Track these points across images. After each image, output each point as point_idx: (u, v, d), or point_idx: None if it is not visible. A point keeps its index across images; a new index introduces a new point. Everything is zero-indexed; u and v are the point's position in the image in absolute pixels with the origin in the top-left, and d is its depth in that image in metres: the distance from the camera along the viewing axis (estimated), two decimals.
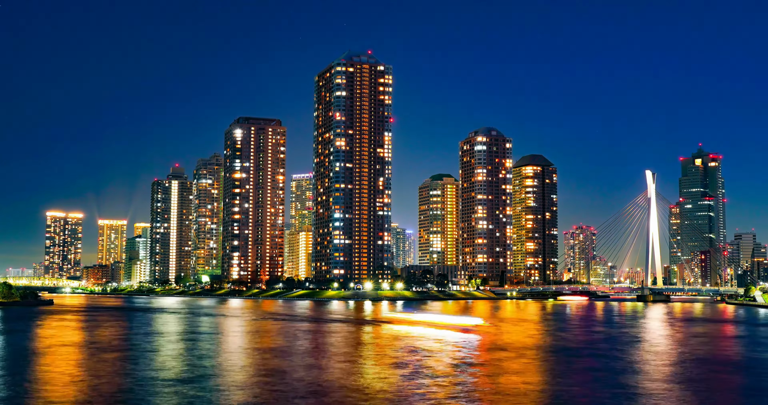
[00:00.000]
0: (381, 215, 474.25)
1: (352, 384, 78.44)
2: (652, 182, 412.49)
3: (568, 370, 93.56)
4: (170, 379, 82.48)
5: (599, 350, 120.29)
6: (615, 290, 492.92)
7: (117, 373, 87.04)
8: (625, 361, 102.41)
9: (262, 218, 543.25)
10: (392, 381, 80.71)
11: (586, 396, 72.46)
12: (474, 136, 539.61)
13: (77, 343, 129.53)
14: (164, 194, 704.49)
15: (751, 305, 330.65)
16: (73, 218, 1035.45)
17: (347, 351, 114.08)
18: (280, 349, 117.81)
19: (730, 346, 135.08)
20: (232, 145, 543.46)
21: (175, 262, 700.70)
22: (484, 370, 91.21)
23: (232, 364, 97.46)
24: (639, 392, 75.05)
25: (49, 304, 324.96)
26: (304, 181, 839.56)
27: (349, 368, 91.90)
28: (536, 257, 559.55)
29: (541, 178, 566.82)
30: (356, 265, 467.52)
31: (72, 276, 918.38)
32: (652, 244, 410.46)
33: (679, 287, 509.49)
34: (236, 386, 77.24)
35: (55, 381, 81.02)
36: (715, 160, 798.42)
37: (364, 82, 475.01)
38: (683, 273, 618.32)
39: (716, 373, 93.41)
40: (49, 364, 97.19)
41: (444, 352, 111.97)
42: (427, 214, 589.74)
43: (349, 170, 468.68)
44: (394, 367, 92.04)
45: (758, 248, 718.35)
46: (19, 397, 70.94)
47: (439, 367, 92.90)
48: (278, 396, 70.96)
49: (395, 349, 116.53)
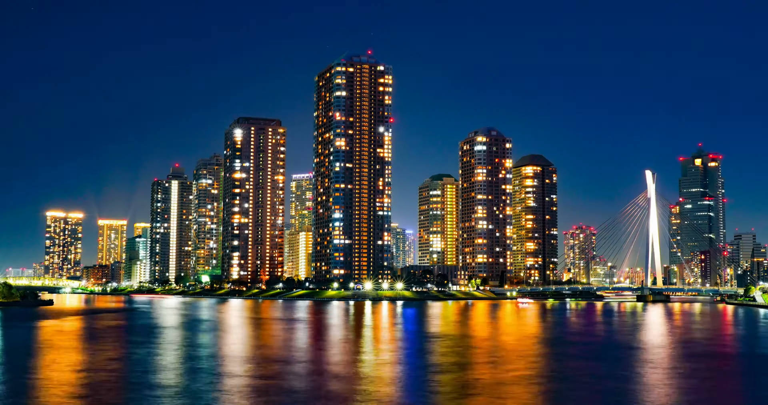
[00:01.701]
0: (381, 215, 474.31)
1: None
2: (652, 182, 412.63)
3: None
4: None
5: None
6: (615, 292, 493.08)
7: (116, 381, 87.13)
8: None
9: (262, 218, 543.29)
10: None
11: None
12: (474, 136, 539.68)
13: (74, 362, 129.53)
14: (164, 194, 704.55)
15: (751, 305, 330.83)
16: (73, 218, 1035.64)
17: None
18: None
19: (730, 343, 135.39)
20: (232, 145, 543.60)
21: (175, 262, 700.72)
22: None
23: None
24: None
25: (49, 305, 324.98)
26: (304, 181, 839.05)
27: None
28: (536, 257, 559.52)
29: (541, 178, 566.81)
30: (356, 265, 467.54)
31: (72, 276, 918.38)
32: (652, 244, 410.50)
33: (679, 287, 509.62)
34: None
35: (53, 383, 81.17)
36: (715, 160, 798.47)
37: (364, 82, 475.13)
38: (683, 273, 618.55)
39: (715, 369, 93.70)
40: (47, 366, 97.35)
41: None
42: (427, 214, 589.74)
43: (349, 170, 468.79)
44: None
45: (758, 248, 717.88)
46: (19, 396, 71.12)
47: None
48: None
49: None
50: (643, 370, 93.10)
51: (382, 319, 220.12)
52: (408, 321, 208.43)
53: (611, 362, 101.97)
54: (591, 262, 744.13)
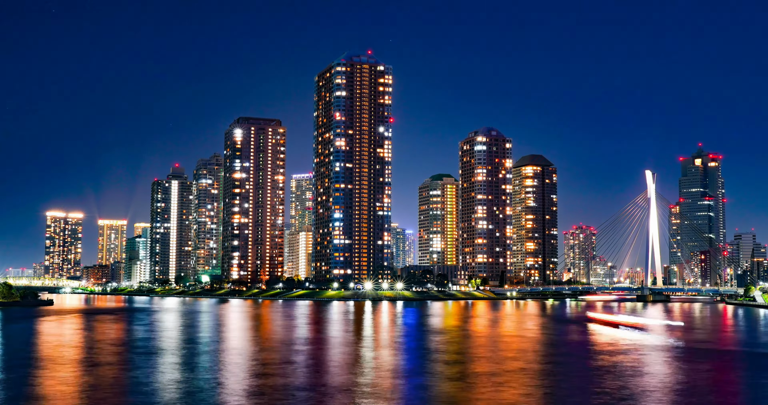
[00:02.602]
0: (381, 215, 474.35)
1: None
2: (651, 182, 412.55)
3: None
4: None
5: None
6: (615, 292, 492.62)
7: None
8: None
9: (262, 218, 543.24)
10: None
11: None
12: (474, 136, 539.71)
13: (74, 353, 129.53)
14: (164, 194, 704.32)
15: (751, 305, 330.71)
16: (73, 218, 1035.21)
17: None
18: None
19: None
20: (232, 145, 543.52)
21: (175, 262, 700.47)
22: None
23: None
24: None
25: (49, 305, 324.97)
26: (304, 181, 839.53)
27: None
28: (536, 257, 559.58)
29: (541, 178, 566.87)
30: (356, 265, 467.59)
31: (72, 276, 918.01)
32: (651, 244, 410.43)
33: (679, 287, 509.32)
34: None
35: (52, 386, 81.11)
36: (715, 160, 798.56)
37: (363, 82, 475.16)
38: (683, 273, 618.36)
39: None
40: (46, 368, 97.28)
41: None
42: (427, 214, 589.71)
43: (349, 170, 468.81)
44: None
45: (758, 248, 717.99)
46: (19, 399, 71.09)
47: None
48: None
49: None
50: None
51: (382, 322, 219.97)
52: (408, 332, 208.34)
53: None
54: (591, 262, 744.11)
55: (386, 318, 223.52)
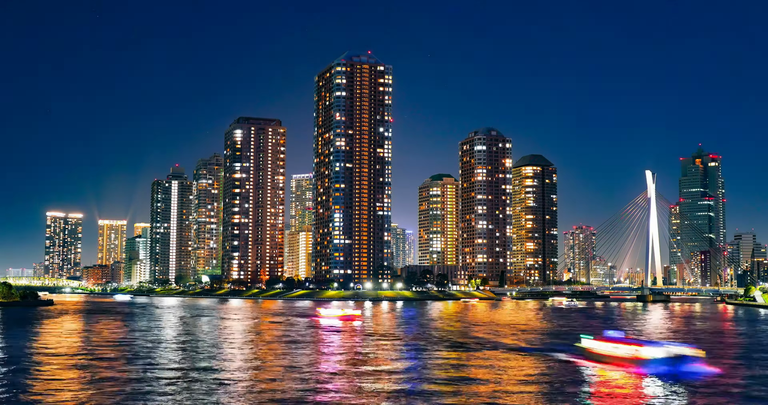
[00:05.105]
0: (381, 215, 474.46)
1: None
2: (652, 182, 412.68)
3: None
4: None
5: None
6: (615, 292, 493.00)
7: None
8: None
9: (262, 218, 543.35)
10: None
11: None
12: (474, 136, 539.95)
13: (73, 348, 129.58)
14: (164, 194, 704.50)
15: (751, 305, 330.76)
16: (73, 218, 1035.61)
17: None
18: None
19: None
20: (232, 146, 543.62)
21: (175, 262, 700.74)
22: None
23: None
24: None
25: (49, 305, 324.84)
26: (304, 181, 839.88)
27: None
28: (536, 257, 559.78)
29: (541, 178, 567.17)
30: (356, 265, 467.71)
31: (72, 276, 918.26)
32: (651, 244, 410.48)
33: (679, 287, 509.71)
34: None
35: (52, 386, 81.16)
36: (715, 160, 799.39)
37: (363, 82, 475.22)
38: (683, 273, 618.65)
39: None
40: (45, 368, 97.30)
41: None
42: (427, 214, 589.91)
43: (349, 170, 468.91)
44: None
45: (758, 248, 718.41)
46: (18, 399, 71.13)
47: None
48: None
49: None
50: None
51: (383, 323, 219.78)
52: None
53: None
54: (591, 262, 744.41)
55: (386, 317, 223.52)
